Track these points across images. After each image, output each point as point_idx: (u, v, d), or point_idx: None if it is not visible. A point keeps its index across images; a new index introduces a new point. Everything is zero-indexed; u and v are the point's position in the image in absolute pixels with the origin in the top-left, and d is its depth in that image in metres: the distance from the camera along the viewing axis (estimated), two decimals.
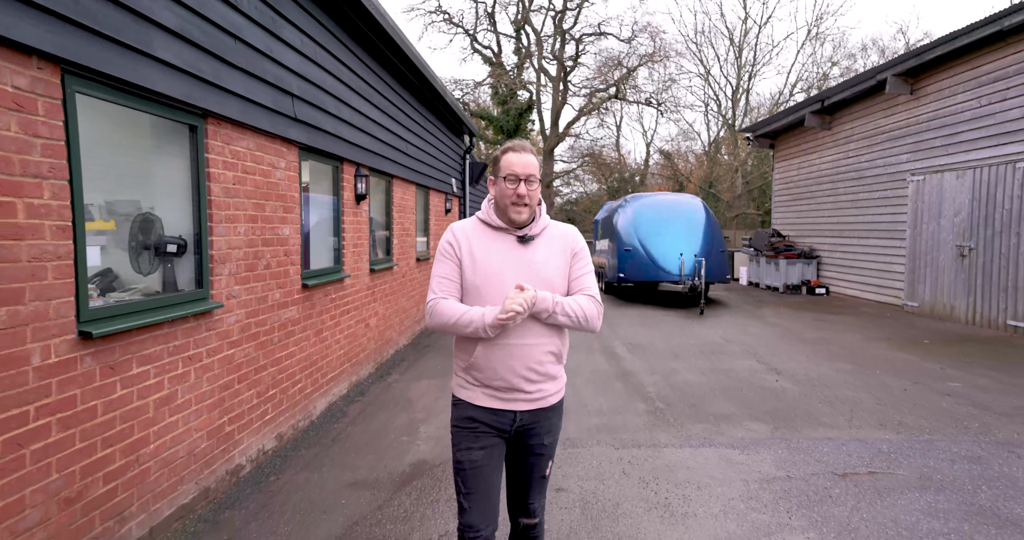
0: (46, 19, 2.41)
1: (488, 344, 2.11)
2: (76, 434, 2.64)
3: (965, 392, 5.90)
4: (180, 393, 3.39)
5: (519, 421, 2.19)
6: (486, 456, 2.19)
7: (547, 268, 2.17)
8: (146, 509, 3.10)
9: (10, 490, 2.31)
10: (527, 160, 2.14)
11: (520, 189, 2.11)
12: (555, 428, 2.29)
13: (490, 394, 2.18)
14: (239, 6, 3.85)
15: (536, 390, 2.18)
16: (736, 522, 3.35)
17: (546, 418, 2.24)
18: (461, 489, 2.20)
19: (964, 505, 3.52)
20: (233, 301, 3.94)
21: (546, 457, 2.30)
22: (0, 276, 2.27)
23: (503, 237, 2.19)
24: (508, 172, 2.13)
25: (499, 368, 2.13)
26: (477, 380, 2.19)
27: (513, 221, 2.16)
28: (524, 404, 2.18)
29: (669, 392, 6.03)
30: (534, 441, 2.24)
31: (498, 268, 2.13)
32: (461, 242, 2.18)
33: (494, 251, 2.16)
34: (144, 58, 2.98)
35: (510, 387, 2.15)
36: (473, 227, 2.22)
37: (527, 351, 2.13)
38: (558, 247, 2.22)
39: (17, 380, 2.34)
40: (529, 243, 2.19)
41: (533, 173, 2.14)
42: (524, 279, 2.11)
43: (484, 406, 2.19)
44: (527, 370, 2.14)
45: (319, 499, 3.70)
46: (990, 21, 8.95)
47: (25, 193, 2.37)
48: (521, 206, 2.14)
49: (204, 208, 3.64)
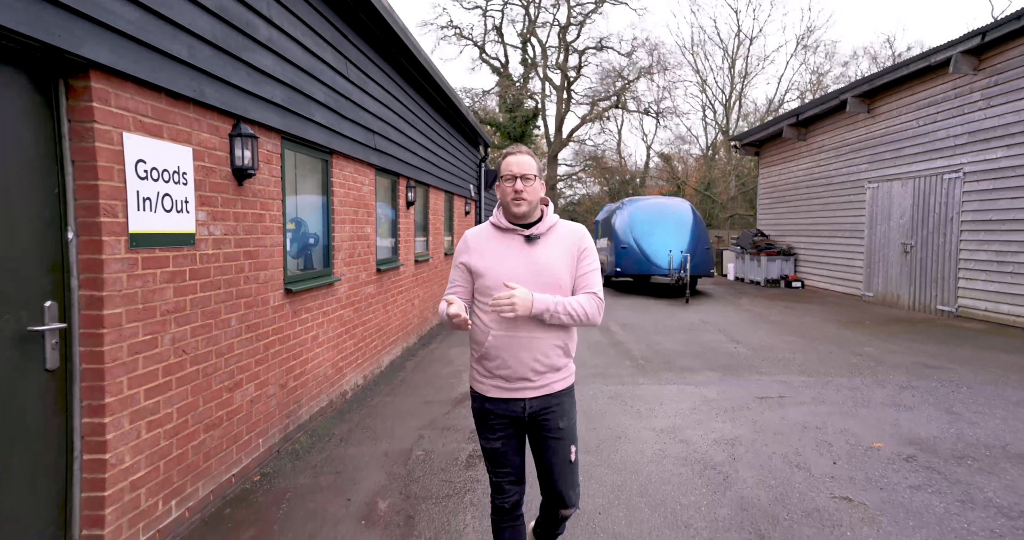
0: (279, 111, 4.25)
1: (498, 336, 2.25)
2: (283, 349, 4.47)
3: (874, 354, 7.70)
4: (320, 335, 5.22)
5: (529, 407, 2.31)
6: (505, 444, 2.35)
7: (553, 266, 2.28)
8: (306, 404, 4.93)
9: (264, 374, 4.14)
10: (521, 160, 2.29)
11: (517, 185, 2.26)
12: (569, 412, 2.37)
13: (499, 385, 2.31)
14: (349, 77, 5.68)
15: (541, 379, 2.30)
16: (681, 419, 5.17)
17: (557, 402, 2.33)
18: (488, 467, 2.41)
19: (834, 410, 5.33)
20: (343, 277, 5.78)
21: (566, 441, 2.36)
22: (260, 254, 4.10)
23: (511, 238, 2.33)
24: (506, 172, 2.30)
25: (507, 358, 2.26)
26: (487, 370, 2.32)
27: (515, 214, 2.31)
28: (531, 392, 2.30)
29: (650, 354, 7.85)
30: (550, 425, 2.33)
31: (506, 268, 2.27)
32: (471, 247, 2.36)
33: (502, 252, 2.31)
34: (311, 123, 4.82)
35: (518, 377, 2.27)
36: (485, 231, 2.39)
37: (535, 343, 2.25)
38: (565, 246, 2.33)
39: (265, 312, 4.18)
40: (535, 242, 2.31)
41: (527, 171, 2.28)
42: (530, 277, 2.24)
43: (495, 397, 2.33)
44: (534, 361, 2.26)
45: (404, 409, 5.53)
46: (922, 57, 10.75)
47: (270, 208, 4.21)
48: (520, 200, 2.27)
49: (329, 214, 5.48)
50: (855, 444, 4.50)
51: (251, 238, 3.99)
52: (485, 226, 2.40)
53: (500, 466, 2.37)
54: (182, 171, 3.22)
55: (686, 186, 34.60)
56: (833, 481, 3.85)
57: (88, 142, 2.61)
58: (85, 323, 2.66)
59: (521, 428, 2.37)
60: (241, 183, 3.84)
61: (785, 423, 5.01)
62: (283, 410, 4.50)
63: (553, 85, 33.33)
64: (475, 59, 34.94)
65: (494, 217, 2.37)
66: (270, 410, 4.28)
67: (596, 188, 39.11)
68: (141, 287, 2.91)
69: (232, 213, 3.76)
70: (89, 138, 2.61)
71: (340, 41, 5.40)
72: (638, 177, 37.92)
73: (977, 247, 10.03)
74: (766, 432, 4.79)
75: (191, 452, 3.35)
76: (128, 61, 2.74)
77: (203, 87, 3.35)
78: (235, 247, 3.80)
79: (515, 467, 2.39)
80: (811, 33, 42.24)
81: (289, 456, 4.37)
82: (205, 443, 3.49)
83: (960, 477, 3.89)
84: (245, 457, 3.94)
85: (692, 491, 3.73)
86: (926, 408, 5.35)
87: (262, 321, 4.16)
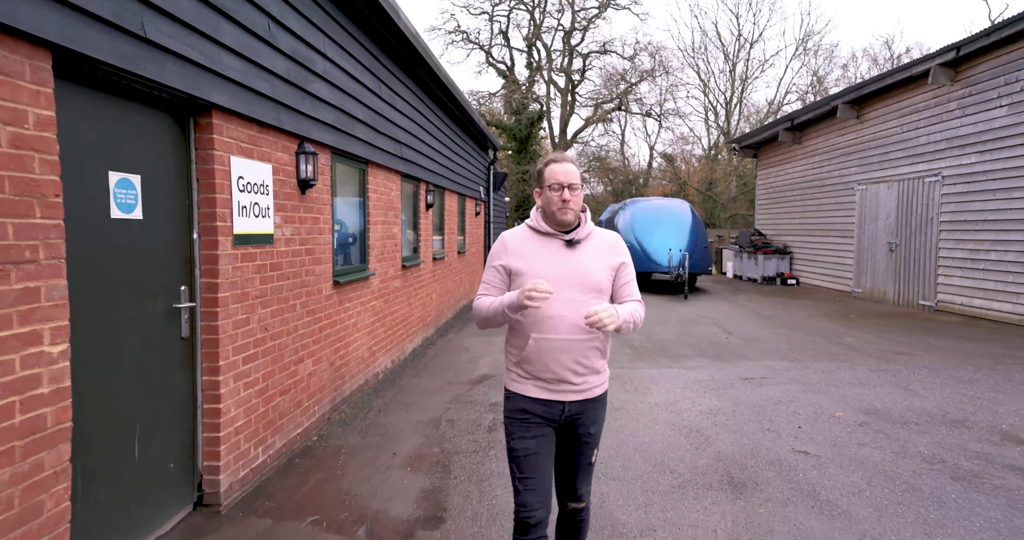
0: (331, 130, 5.04)
1: (539, 339, 2.28)
2: (332, 332, 5.27)
3: (853, 343, 8.46)
4: (358, 322, 6.01)
5: (567, 411, 2.34)
6: (538, 445, 2.33)
7: (593, 270, 2.32)
8: (348, 381, 5.72)
9: (318, 352, 4.94)
10: (568, 169, 2.31)
11: (565, 195, 2.28)
12: (600, 418, 2.42)
13: (540, 386, 2.33)
14: (382, 96, 6.46)
15: (582, 382, 2.33)
16: (673, 395, 5.95)
17: (592, 408, 2.38)
18: (516, 474, 2.34)
19: (807, 389, 6.10)
20: (376, 272, 6.57)
21: (592, 445, 2.42)
22: (316, 251, 4.89)
23: (551, 242, 2.35)
24: (553, 181, 2.30)
25: (549, 362, 2.28)
26: (528, 373, 2.34)
27: (561, 222, 2.33)
28: (572, 395, 2.32)
29: (649, 344, 8.62)
30: (581, 430, 2.37)
31: (549, 270, 2.28)
32: (510, 249, 2.37)
33: (544, 255, 2.33)
34: (353, 139, 5.61)
35: (559, 379, 2.30)
36: (523, 234, 2.41)
37: (575, 345, 2.27)
38: (604, 253, 2.37)
39: (319, 300, 4.97)
40: (576, 247, 2.34)
41: (574, 180, 2.31)
42: (572, 280, 2.28)
43: (535, 397, 2.34)
44: (574, 363, 2.29)
45: (429, 389, 6.31)
46: (905, 67, 11.49)
47: (323, 212, 5.01)
48: (567, 209, 2.29)
49: (365, 215, 6.27)
50: (819, 414, 5.27)
51: (309, 238, 4.79)
52: (522, 229, 2.44)
53: (529, 472, 2.32)
54: (265, 184, 4.01)
55: (689, 186, 35.33)
56: (796, 440, 4.63)
57: (208, 165, 3.40)
58: (205, 303, 3.45)
59: (554, 430, 2.39)
60: (304, 192, 4.63)
61: (763, 398, 5.78)
62: (332, 384, 5.29)
63: (558, 88, 34.13)
64: (482, 63, 35.78)
65: (532, 221, 2.40)
66: (323, 383, 5.08)
67: (600, 188, 39.88)
68: (240, 277, 3.70)
69: (297, 217, 4.55)
70: (209, 161, 3.40)
71: (375, 66, 6.18)
72: (641, 177, 38.68)
73: (954, 246, 10.77)
74: (745, 405, 5.57)
75: (270, 411, 4.14)
76: (235, 101, 3.54)
77: (280, 115, 4.14)
78: (299, 245, 4.59)
79: (542, 476, 2.34)
80: (810, 37, 42.99)
81: (338, 423, 5.16)
82: (279, 405, 4.28)
83: (900, 436, 4.66)
84: (305, 420, 4.74)
85: (678, 448, 4.51)
86: (887, 386, 6.12)
87: (317, 307, 4.95)
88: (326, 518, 3.44)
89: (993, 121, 9.84)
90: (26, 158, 2.17)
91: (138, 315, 2.96)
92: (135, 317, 2.93)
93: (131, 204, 2.89)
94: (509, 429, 2.38)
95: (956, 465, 4.10)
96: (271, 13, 3.96)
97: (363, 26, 5.77)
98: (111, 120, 2.76)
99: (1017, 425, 4.89)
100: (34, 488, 2.23)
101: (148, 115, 3.03)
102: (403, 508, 3.56)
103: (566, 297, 2.27)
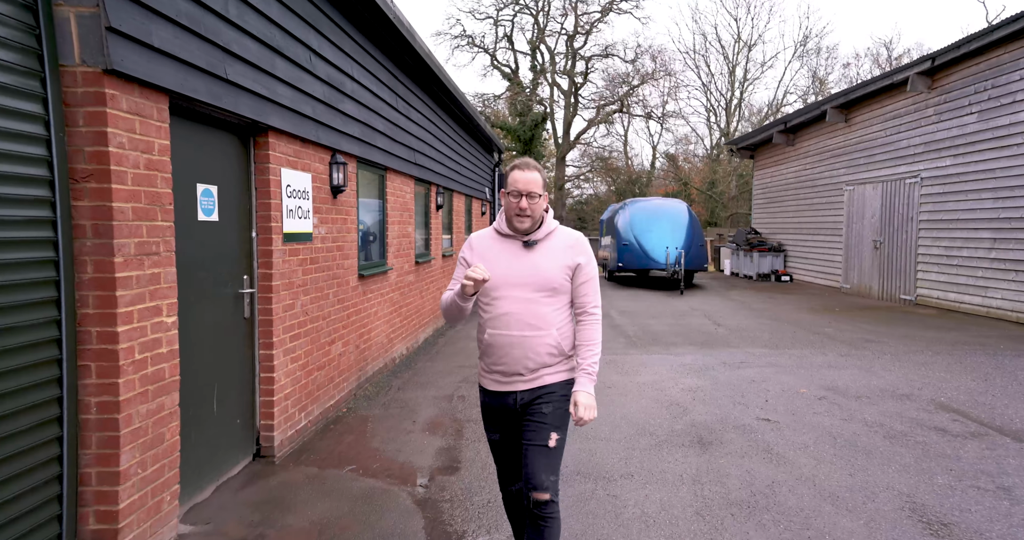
0: (357, 142, 5.78)
1: (493, 335, 2.42)
2: (357, 319, 6.01)
3: (830, 333, 9.16)
4: (379, 311, 6.75)
5: (521, 399, 2.46)
6: (504, 436, 2.56)
7: (547, 269, 2.41)
8: (370, 363, 6.46)
9: (347, 336, 5.68)
10: (529, 177, 2.37)
11: (522, 203, 2.36)
12: (556, 401, 2.44)
13: (495, 379, 2.49)
14: (399, 108, 7.19)
15: (533, 375, 2.44)
16: (659, 376, 6.67)
17: (547, 392, 2.44)
18: (494, 457, 2.63)
19: (780, 371, 6.81)
20: (393, 267, 7.31)
21: (546, 426, 2.41)
22: (344, 248, 5.63)
23: (511, 243, 2.47)
24: (512, 188, 2.38)
25: (502, 356, 2.43)
26: (487, 365, 2.50)
27: (516, 229, 2.43)
28: (523, 384, 2.45)
29: (642, 333, 9.34)
30: (535, 410, 2.44)
31: (505, 270, 2.41)
32: (475, 250, 2.51)
33: (503, 256, 2.45)
34: (375, 148, 6.34)
35: (512, 372, 2.44)
36: (488, 235, 2.53)
37: (526, 341, 2.39)
38: (563, 252, 2.45)
39: (347, 291, 5.71)
40: (533, 247, 2.44)
41: (534, 189, 2.36)
42: (525, 280, 2.40)
43: (493, 390, 2.51)
44: (525, 358, 2.41)
45: (442, 370, 7.05)
46: (887, 75, 12.17)
47: (350, 214, 5.75)
48: (523, 217, 2.38)
49: (384, 216, 7.01)
50: (785, 390, 5.98)
51: (339, 236, 5.52)
52: (489, 231, 2.55)
53: (502, 458, 2.60)
54: (306, 190, 4.75)
55: (691, 187, 35.99)
56: (760, 411, 5.35)
57: (265, 176, 4.14)
58: (261, 290, 4.19)
59: (516, 420, 2.50)
60: (335, 196, 5.37)
61: (739, 379, 6.50)
62: (357, 365, 6.03)
63: (561, 90, 34.85)
64: (487, 66, 36.57)
65: (497, 223, 2.51)
66: (350, 363, 5.82)
67: (603, 188, 40.55)
68: (287, 268, 4.44)
69: (330, 218, 5.29)
70: (265, 173, 4.14)
71: (393, 82, 6.92)
72: (644, 177, 39.34)
73: (931, 243, 11.46)
74: (722, 384, 6.28)
75: (310, 383, 4.88)
76: (285, 122, 4.27)
77: (318, 132, 4.87)
78: (331, 242, 5.33)
79: (512, 458, 2.58)
80: (808, 40, 43.60)
81: (363, 398, 5.90)
82: (316, 379, 5.02)
83: (850, 407, 5.38)
84: (336, 394, 5.48)
85: (659, 417, 5.23)
86: (851, 369, 6.83)
87: (345, 297, 5.69)
88: (361, 467, 4.18)
89: (965, 127, 10.51)
90: (153, 176, 2.91)
91: (215, 298, 3.70)
92: (213, 299, 3.68)
93: (210, 209, 3.63)
94: (483, 421, 2.62)
95: (891, 427, 4.81)
96: (311, 46, 4.70)
97: (383, 47, 6.50)
98: (198, 143, 3.50)
99: (954, 398, 5.60)
100: (159, 422, 2.97)
101: (221, 137, 3.77)
102: (425, 460, 4.30)
103: (518, 296, 2.38)
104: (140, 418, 2.82)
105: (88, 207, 2.61)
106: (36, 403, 2.45)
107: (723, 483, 3.85)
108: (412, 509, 3.56)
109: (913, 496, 3.62)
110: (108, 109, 2.58)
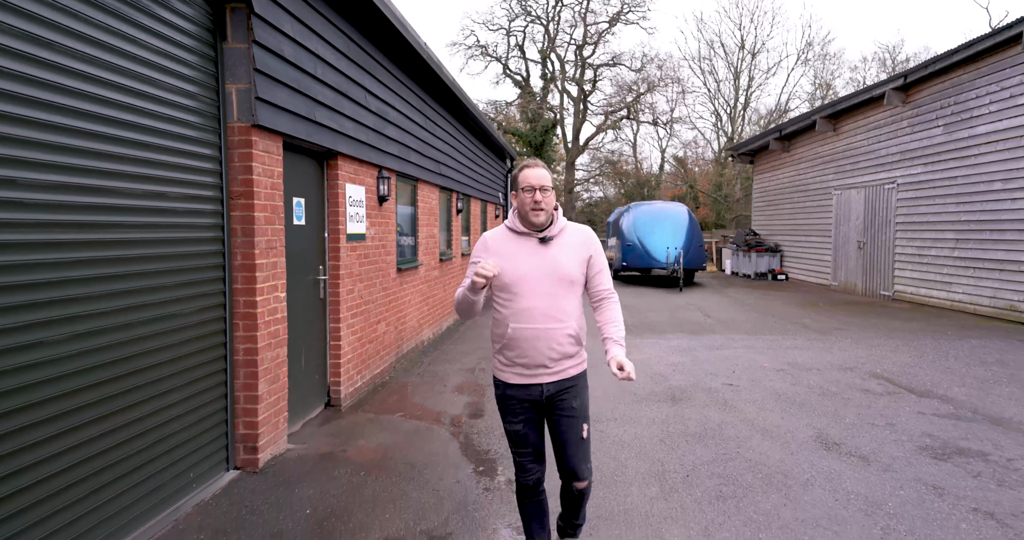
0: (396, 159, 7.05)
1: (517, 328, 2.53)
2: (396, 305, 7.26)
3: (808, 323, 10.31)
4: (411, 299, 8.00)
5: (547, 391, 2.58)
6: (525, 426, 2.65)
7: (565, 264, 2.55)
8: (406, 342, 7.72)
9: (388, 318, 6.93)
10: (539, 173, 2.55)
11: (536, 196, 2.51)
12: (581, 394, 2.63)
13: (519, 372, 2.59)
14: (427, 127, 8.44)
15: (557, 366, 2.57)
16: (648, 356, 7.86)
17: (571, 385, 2.60)
18: (512, 447, 2.68)
19: (752, 352, 7.99)
20: (422, 263, 8.56)
21: (578, 419, 2.60)
22: (386, 246, 6.89)
23: (527, 240, 2.59)
24: (525, 184, 2.53)
25: (527, 348, 2.53)
26: (508, 359, 2.60)
27: (533, 223, 2.55)
28: (548, 377, 2.57)
29: (639, 324, 10.54)
30: (564, 405, 2.59)
31: (524, 266, 2.53)
32: (490, 247, 2.62)
33: (521, 252, 2.57)
34: (409, 163, 7.60)
35: (536, 364, 2.55)
36: (502, 234, 2.64)
37: (550, 333, 2.53)
38: (577, 247, 2.60)
39: (389, 281, 6.97)
40: (549, 243, 2.57)
41: (545, 183, 2.52)
42: (545, 274, 2.53)
43: (516, 383, 2.60)
44: (549, 349, 2.53)
45: (465, 351, 8.29)
46: (867, 89, 13.29)
47: (391, 218, 7.01)
48: (539, 210, 2.52)
49: (416, 221, 8.27)
50: (752, 365, 7.17)
51: (383, 236, 6.78)
52: (501, 229, 2.65)
53: (522, 446, 2.66)
54: (361, 199, 6.01)
55: (698, 190, 37.07)
56: (727, 379, 6.54)
57: (334, 190, 5.40)
58: (331, 277, 5.45)
59: (540, 411, 2.63)
60: (381, 205, 6.63)
61: (715, 357, 7.69)
62: (396, 343, 7.29)
63: (571, 97, 36.14)
64: (499, 74, 37.84)
65: (510, 221, 2.62)
66: (390, 341, 7.07)
67: (612, 191, 41.73)
68: (348, 261, 5.70)
69: (377, 222, 6.55)
70: (334, 188, 5.40)
71: (423, 105, 8.18)
72: (652, 180, 40.46)
73: (906, 244, 12.56)
74: (700, 361, 7.47)
75: (363, 353, 6.14)
76: (349, 148, 5.54)
77: (370, 154, 6.14)
78: (378, 242, 6.58)
79: (535, 447, 2.67)
80: (811, 47, 44.57)
81: (400, 370, 7.16)
82: (367, 350, 6.27)
83: (800, 376, 6.56)
84: (381, 365, 6.73)
85: (643, 384, 6.44)
86: (813, 350, 8.00)
87: (388, 286, 6.95)
88: (408, 414, 5.43)
89: (933, 138, 11.63)
90: (273, 194, 4.17)
91: (303, 282, 4.96)
92: (302, 283, 4.94)
93: (301, 215, 4.89)
94: (501, 413, 2.68)
95: (826, 389, 6.00)
96: (366, 86, 5.96)
97: (416, 79, 7.76)
98: (293, 167, 4.77)
99: (887, 369, 6.77)
100: (277, 366, 4.23)
101: (305, 162, 5.04)
102: (456, 410, 5.54)
103: (540, 290, 2.53)
104: (267, 361, 4.08)
105: (239, 216, 3.88)
106: (214, 345, 3.72)
107: (684, 423, 5.06)
108: (449, 438, 4.80)
109: (823, 430, 4.82)
110: (253, 150, 3.85)
